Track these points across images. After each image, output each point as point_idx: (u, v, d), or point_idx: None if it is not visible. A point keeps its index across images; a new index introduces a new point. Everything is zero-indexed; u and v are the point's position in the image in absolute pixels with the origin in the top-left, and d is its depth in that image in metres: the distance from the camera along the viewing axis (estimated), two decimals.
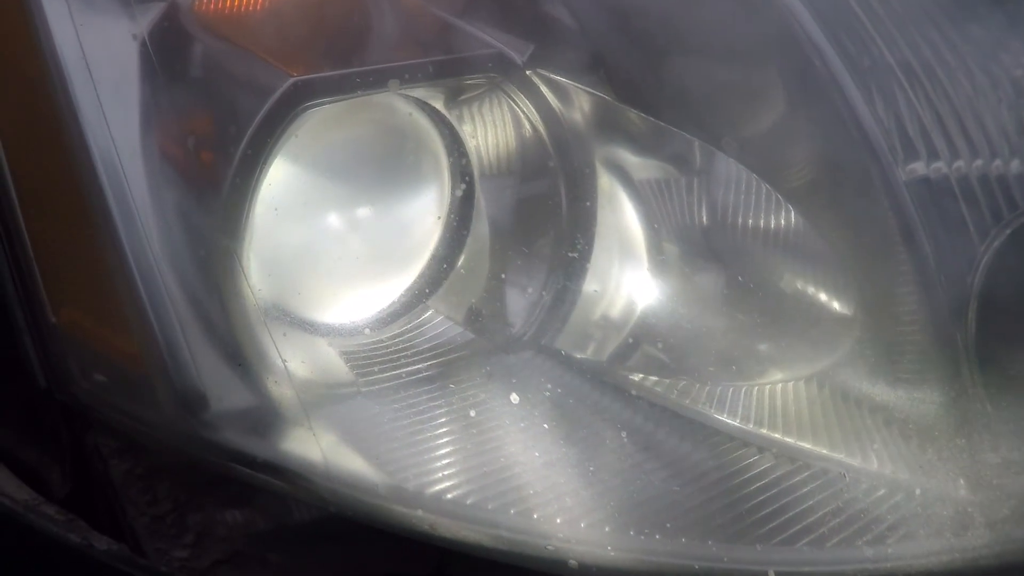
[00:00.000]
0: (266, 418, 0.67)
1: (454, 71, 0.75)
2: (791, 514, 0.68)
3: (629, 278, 0.81)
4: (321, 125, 0.75)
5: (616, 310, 0.82)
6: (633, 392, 0.75)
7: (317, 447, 0.66)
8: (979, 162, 0.71)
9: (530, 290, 0.83)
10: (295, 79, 0.67)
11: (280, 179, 0.74)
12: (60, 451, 0.79)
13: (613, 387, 0.77)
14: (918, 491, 0.70)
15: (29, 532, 0.74)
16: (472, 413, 0.72)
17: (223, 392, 0.66)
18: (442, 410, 0.73)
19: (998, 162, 0.72)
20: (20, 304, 0.72)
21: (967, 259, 0.70)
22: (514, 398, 0.74)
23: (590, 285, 0.82)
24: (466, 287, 0.84)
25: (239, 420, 0.66)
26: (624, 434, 0.71)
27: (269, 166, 0.69)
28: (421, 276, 0.84)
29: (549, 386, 0.77)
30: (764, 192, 0.76)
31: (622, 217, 0.81)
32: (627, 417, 0.74)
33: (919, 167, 0.71)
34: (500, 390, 0.76)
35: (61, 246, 0.70)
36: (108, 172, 0.66)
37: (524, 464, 0.67)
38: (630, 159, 0.79)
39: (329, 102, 0.70)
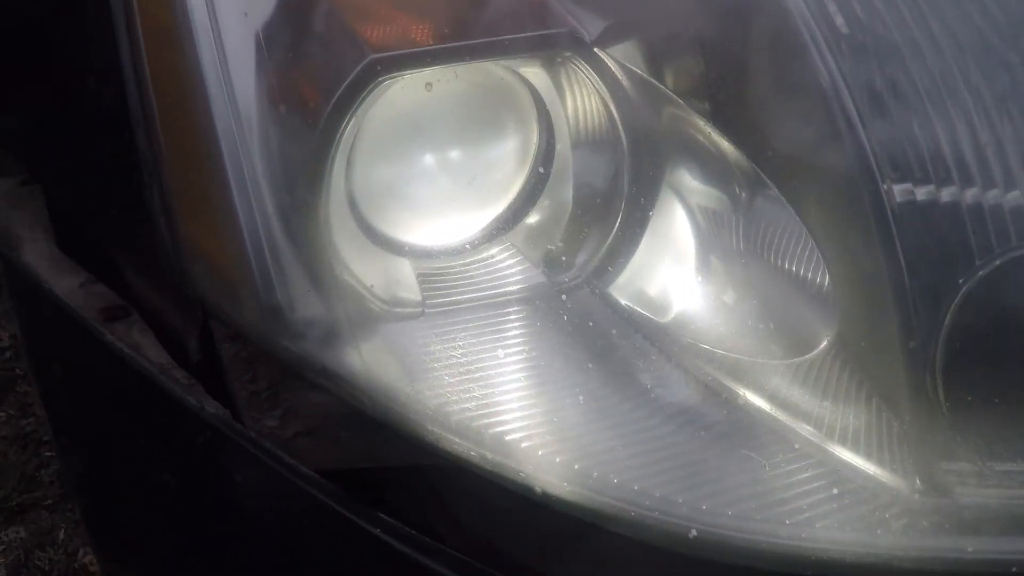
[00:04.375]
0: (327, 330, 0.82)
1: (521, 49, 0.85)
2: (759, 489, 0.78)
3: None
4: (424, 77, 0.88)
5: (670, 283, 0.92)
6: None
7: (359, 359, 0.82)
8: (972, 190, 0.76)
9: (596, 237, 0.94)
10: (372, 57, 0.80)
11: (383, 116, 0.87)
12: (196, 325, 0.98)
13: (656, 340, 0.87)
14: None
15: (159, 392, 0.94)
16: (515, 345, 0.85)
17: (296, 305, 0.82)
18: (487, 337, 0.86)
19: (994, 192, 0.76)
20: (161, 214, 0.90)
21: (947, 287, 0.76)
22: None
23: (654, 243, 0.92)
24: (542, 228, 0.96)
25: (305, 331, 0.82)
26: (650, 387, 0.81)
27: (348, 128, 0.82)
28: (503, 213, 0.96)
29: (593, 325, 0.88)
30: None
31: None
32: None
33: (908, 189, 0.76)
34: (550, 324, 0.88)
35: (187, 167, 0.86)
36: (219, 112, 0.81)
37: (531, 393, 0.80)
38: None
39: (405, 74, 0.82)
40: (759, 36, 0.86)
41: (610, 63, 0.88)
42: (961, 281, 0.76)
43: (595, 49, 0.87)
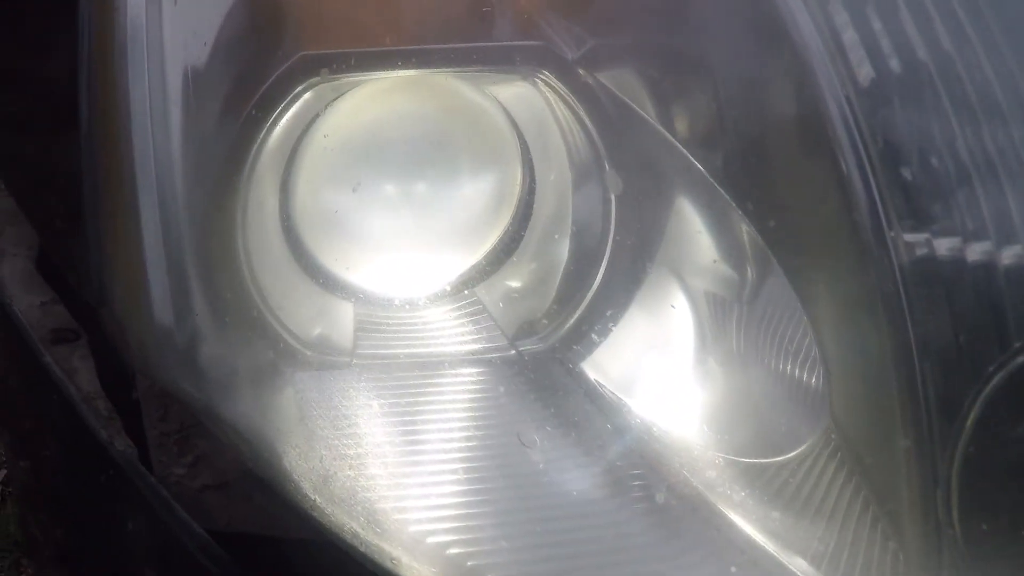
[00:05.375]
0: (222, 366, 0.70)
1: (483, 60, 0.73)
2: None
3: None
4: (386, 92, 0.76)
5: (657, 347, 0.76)
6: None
7: (254, 403, 0.69)
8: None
9: (576, 297, 0.79)
10: (304, 53, 0.70)
11: (334, 133, 0.76)
12: None
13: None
14: None
15: (78, 422, 0.84)
16: (431, 412, 0.71)
17: (190, 332, 0.70)
18: (405, 399, 0.72)
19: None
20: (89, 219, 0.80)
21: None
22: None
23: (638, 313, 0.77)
24: (520, 283, 0.83)
25: (196, 364, 0.70)
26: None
27: (273, 130, 0.72)
28: (476, 264, 0.83)
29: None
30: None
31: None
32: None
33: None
34: (487, 393, 0.74)
35: (112, 172, 0.77)
36: (138, 108, 0.71)
37: (428, 470, 0.66)
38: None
39: (343, 79, 0.71)
40: (773, 81, 0.71)
41: (599, 92, 0.75)
42: (991, 369, 0.58)
43: (580, 72, 0.74)
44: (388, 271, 0.81)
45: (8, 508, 1.63)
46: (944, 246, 0.59)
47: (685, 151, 0.72)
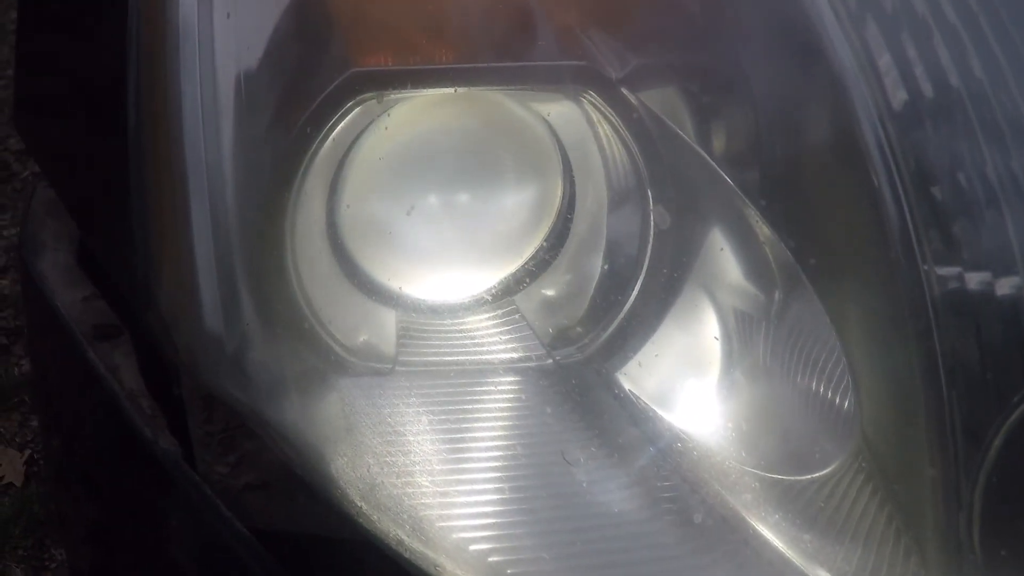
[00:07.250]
0: (271, 373, 0.73)
1: (530, 79, 0.75)
2: None
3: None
4: (433, 106, 0.78)
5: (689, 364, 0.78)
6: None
7: (299, 407, 0.72)
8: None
9: (611, 311, 0.81)
10: (354, 70, 0.72)
11: (380, 147, 0.78)
12: None
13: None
14: None
15: (122, 418, 0.87)
16: (474, 420, 0.74)
17: (240, 340, 0.73)
18: (447, 407, 0.75)
19: None
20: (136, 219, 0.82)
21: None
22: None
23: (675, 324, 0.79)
24: (556, 294, 0.85)
25: (245, 371, 0.73)
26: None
27: (324, 149, 0.74)
28: (514, 274, 0.85)
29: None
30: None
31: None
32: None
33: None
34: (527, 403, 0.76)
35: (164, 175, 0.79)
36: (190, 112, 0.73)
37: (469, 478, 0.68)
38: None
39: (391, 94, 0.73)
40: (809, 102, 0.73)
41: (642, 112, 0.76)
42: (1016, 400, 0.61)
43: (624, 91, 0.76)
44: (432, 280, 0.83)
45: (32, 488, 1.66)
46: (974, 280, 0.61)
47: (723, 173, 0.74)
